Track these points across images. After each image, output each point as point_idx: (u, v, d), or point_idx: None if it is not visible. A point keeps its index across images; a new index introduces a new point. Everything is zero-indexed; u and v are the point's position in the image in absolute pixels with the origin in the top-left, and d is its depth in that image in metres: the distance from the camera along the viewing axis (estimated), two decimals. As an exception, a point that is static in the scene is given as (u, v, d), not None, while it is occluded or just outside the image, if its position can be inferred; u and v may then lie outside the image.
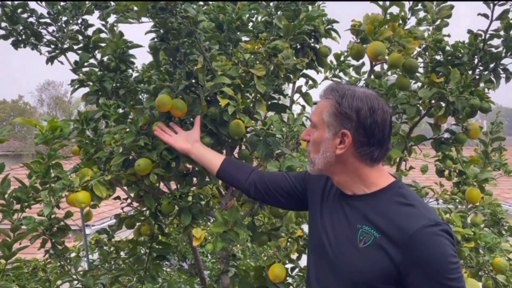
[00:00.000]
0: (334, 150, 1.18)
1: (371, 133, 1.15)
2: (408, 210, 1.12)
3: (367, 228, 1.14)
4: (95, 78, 1.91)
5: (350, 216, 1.19)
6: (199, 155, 1.63)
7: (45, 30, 2.13)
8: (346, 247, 1.17)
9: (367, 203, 1.18)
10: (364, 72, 2.04)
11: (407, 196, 1.16)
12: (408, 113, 1.82)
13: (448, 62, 1.79)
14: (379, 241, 1.11)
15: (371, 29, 1.60)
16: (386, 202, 1.15)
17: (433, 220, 1.08)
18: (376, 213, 1.15)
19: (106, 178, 1.75)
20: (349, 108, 1.15)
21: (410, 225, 1.08)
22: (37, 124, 1.77)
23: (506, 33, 1.72)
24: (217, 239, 1.55)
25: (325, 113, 1.19)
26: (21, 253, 2.27)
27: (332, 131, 1.18)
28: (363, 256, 1.13)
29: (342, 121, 1.16)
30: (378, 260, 1.10)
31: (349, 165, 1.19)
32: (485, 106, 1.65)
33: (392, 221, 1.11)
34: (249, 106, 1.81)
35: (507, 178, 7.08)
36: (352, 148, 1.17)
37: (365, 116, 1.14)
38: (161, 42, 1.68)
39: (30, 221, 1.73)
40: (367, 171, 1.19)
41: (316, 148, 1.22)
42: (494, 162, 2.56)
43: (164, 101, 1.65)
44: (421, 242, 1.06)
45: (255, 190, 1.51)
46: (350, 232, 1.17)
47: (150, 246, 2.11)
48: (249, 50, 1.78)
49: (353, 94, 1.17)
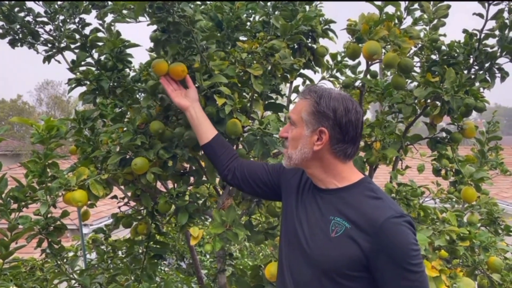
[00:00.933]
0: (311, 147, 1.27)
1: (346, 131, 1.25)
2: (377, 203, 1.21)
3: (339, 219, 1.22)
4: (92, 77, 1.91)
5: (323, 208, 1.28)
6: (195, 117, 1.62)
7: (42, 29, 2.13)
8: (319, 237, 1.25)
9: (339, 196, 1.27)
10: (360, 72, 2.04)
11: (376, 191, 1.25)
12: (404, 113, 1.82)
13: (444, 62, 1.79)
14: (350, 231, 1.19)
15: (366, 29, 1.61)
16: (357, 196, 1.24)
17: (399, 212, 1.18)
18: (348, 205, 1.23)
19: (103, 177, 1.75)
20: (326, 108, 1.25)
21: (379, 216, 1.17)
22: (33, 124, 1.77)
23: (501, 32, 1.73)
24: (216, 239, 1.55)
25: (304, 112, 1.28)
26: (19, 253, 2.27)
27: (310, 128, 1.27)
28: (334, 245, 1.21)
29: (320, 119, 1.25)
30: (348, 248, 1.18)
31: (325, 161, 1.28)
32: (480, 105, 1.66)
33: (362, 213, 1.20)
34: (246, 106, 1.82)
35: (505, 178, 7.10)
36: (328, 145, 1.26)
37: (341, 115, 1.24)
38: (163, 33, 1.67)
39: (26, 220, 1.73)
40: (340, 167, 1.29)
41: (295, 145, 1.31)
42: (491, 162, 2.57)
43: (160, 66, 1.62)
44: (388, 231, 1.15)
45: (232, 177, 1.57)
46: (323, 223, 1.25)
47: (147, 245, 2.11)
48: (246, 50, 1.79)
49: (330, 95, 1.27)
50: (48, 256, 1.93)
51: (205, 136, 1.61)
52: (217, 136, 1.62)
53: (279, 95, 2.10)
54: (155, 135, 1.76)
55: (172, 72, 1.64)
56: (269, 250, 1.70)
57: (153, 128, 1.72)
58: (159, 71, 1.65)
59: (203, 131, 1.62)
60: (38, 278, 2.61)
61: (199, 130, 1.63)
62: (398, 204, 1.27)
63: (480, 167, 2.37)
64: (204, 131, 1.62)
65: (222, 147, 1.61)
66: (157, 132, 1.73)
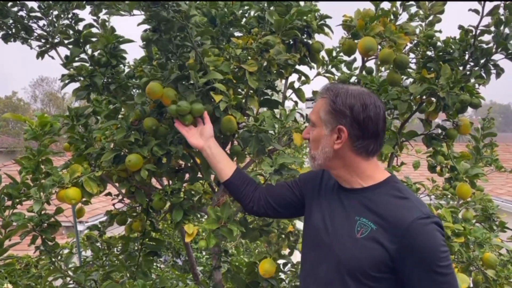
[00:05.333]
0: (332, 146, 1.26)
1: (365, 127, 1.23)
2: (403, 203, 1.20)
3: (365, 220, 1.21)
4: (85, 73, 1.89)
5: (348, 208, 1.27)
6: (211, 156, 1.60)
7: (35, 24, 2.11)
8: (344, 237, 1.24)
9: (364, 196, 1.25)
10: (356, 68, 2.04)
11: (402, 190, 1.23)
12: (399, 109, 1.82)
13: (439, 58, 1.79)
14: (375, 232, 1.18)
15: (362, 25, 1.60)
16: (382, 196, 1.23)
17: (426, 213, 1.16)
18: (373, 206, 1.22)
19: (97, 174, 1.74)
20: (343, 105, 1.24)
21: (406, 217, 1.15)
22: (26, 120, 1.75)
23: (496, 28, 1.73)
24: (210, 235, 1.55)
25: (322, 111, 1.28)
26: (14, 250, 2.26)
27: (329, 127, 1.26)
28: (359, 246, 1.19)
29: (337, 117, 1.25)
30: (373, 250, 1.17)
31: (347, 159, 1.27)
32: (475, 101, 1.66)
33: (389, 213, 1.18)
34: (241, 102, 1.81)
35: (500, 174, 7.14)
36: (348, 143, 1.25)
37: (358, 112, 1.23)
38: (154, 33, 1.66)
39: (20, 217, 1.72)
40: (364, 165, 1.27)
41: (316, 145, 1.31)
42: (486, 158, 2.57)
43: (154, 89, 1.63)
44: (415, 232, 1.13)
45: (258, 207, 1.54)
46: (348, 224, 1.24)
47: (142, 242, 2.10)
48: (241, 46, 1.77)
49: (346, 92, 1.26)
50: (43, 253, 1.92)
51: (224, 173, 1.58)
52: (236, 171, 1.59)
53: (274, 91, 2.09)
54: (149, 132, 1.75)
55: (165, 97, 1.64)
56: (264, 247, 1.70)
57: (147, 124, 1.71)
58: (152, 95, 1.64)
59: (221, 168, 1.59)
60: (33, 275, 2.60)
61: (217, 168, 1.60)
62: (426, 205, 1.25)
63: (475, 163, 2.38)
64: (223, 168, 1.59)
65: (243, 182, 1.58)
66: (150, 128, 1.72)
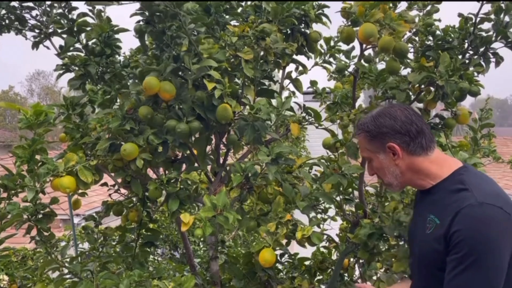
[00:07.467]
0: (394, 164, 1.36)
1: (407, 131, 1.33)
2: (461, 195, 1.24)
3: (432, 216, 1.30)
4: (80, 62, 1.87)
5: (421, 208, 1.39)
6: None
7: (28, 14, 2.08)
8: (419, 233, 1.35)
9: (433, 193, 1.34)
10: (354, 57, 2.02)
11: (465, 181, 1.27)
12: (397, 98, 1.80)
13: (438, 47, 1.77)
14: (438, 226, 1.26)
15: (362, 11, 1.58)
16: (444, 192, 1.30)
17: (480, 200, 1.19)
18: (437, 202, 1.30)
19: (92, 163, 1.72)
20: (377, 129, 1.35)
21: (457, 207, 1.21)
22: (20, 109, 1.73)
23: (496, 16, 1.71)
24: (206, 223, 1.53)
25: (366, 144, 1.40)
26: (11, 242, 2.24)
27: (381, 152, 1.37)
28: (428, 240, 1.29)
29: (380, 140, 1.36)
30: (437, 243, 1.24)
31: (412, 166, 1.35)
32: (474, 89, 1.64)
33: (445, 206, 1.25)
34: (237, 91, 1.79)
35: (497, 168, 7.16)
36: (404, 152, 1.34)
37: (391, 124, 1.33)
38: (147, 24, 1.65)
39: (15, 206, 1.70)
40: (427, 163, 1.34)
41: (383, 173, 1.40)
42: (483, 149, 2.56)
43: (151, 83, 1.62)
44: (462, 220, 1.18)
45: None
46: (423, 221, 1.34)
47: (138, 233, 2.09)
48: (237, 34, 1.75)
49: (372, 117, 1.38)
50: (38, 244, 1.90)
51: None
52: None
53: (271, 81, 2.07)
54: (144, 120, 1.73)
55: (163, 91, 1.65)
56: (262, 236, 1.69)
57: (142, 113, 1.69)
58: (149, 90, 1.64)
59: None
60: (30, 267, 2.59)
61: None
62: (497, 193, 1.27)
63: (472, 154, 2.36)
64: None
65: None
66: (145, 117, 1.70)
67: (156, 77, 1.66)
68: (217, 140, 2.04)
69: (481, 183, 1.27)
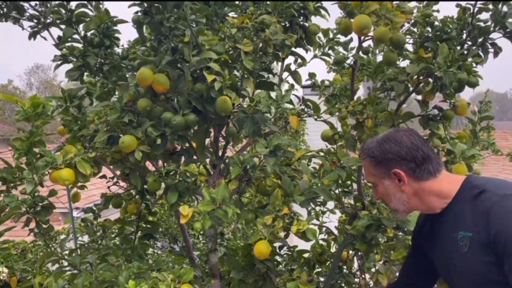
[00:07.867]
0: (400, 190, 1.34)
1: (413, 157, 1.31)
2: (481, 197, 1.22)
3: (462, 232, 1.25)
4: (78, 53, 1.86)
5: (446, 230, 1.32)
6: None
7: (27, 3, 2.07)
8: (457, 257, 1.28)
9: (451, 210, 1.30)
10: (352, 48, 2.01)
11: (479, 185, 1.26)
12: (396, 90, 1.80)
13: (437, 38, 1.77)
14: (473, 238, 1.22)
15: (357, 2, 1.58)
16: (464, 203, 1.27)
17: (501, 194, 1.19)
18: (459, 214, 1.27)
19: (90, 155, 1.72)
20: (382, 155, 1.33)
21: (484, 206, 1.19)
22: (18, 101, 1.73)
23: (494, 6, 1.70)
24: (205, 217, 1.53)
25: (371, 170, 1.39)
26: (10, 236, 2.25)
27: (386, 178, 1.35)
28: (469, 258, 1.23)
29: (386, 165, 1.34)
30: (481, 255, 1.20)
31: (420, 191, 1.33)
32: (473, 80, 1.64)
33: (471, 215, 1.23)
34: (236, 83, 1.78)
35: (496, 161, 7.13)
36: (410, 178, 1.32)
37: (397, 150, 1.31)
38: (145, 15, 1.64)
39: (13, 199, 1.70)
40: (436, 185, 1.32)
41: (389, 198, 1.38)
42: (482, 142, 2.56)
43: (145, 75, 1.61)
44: (495, 215, 1.16)
45: None
46: (453, 243, 1.29)
47: (137, 225, 2.10)
48: (236, 25, 1.74)
49: (377, 142, 1.36)
50: (37, 236, 1.90)
51: None
52: None
53: (270, 73, 2.07)
54: (143, 113, 1.73)
55: (156, 83, 1.65)
56: (259, 228, 1.69)
57: (141, 105, 1.69)
58: (143, 81, 1.64)
59: None
60: (29, 260, 2.60)
61: None
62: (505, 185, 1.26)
63: (471, 147, 2.36)
64: None
65: None
66: (144, 109, 1.69)
67: (151, 68, 1.65)
68: (216, 132, 2.04)
69: (492, 181, 1.29)
